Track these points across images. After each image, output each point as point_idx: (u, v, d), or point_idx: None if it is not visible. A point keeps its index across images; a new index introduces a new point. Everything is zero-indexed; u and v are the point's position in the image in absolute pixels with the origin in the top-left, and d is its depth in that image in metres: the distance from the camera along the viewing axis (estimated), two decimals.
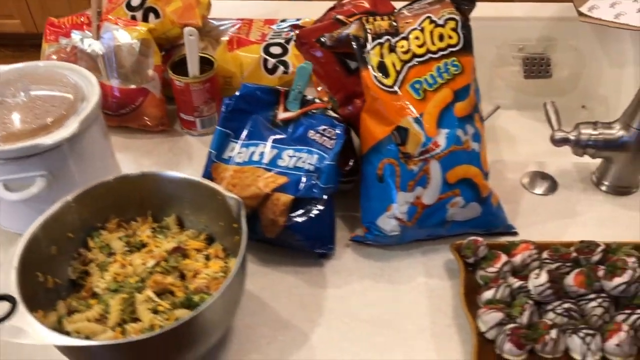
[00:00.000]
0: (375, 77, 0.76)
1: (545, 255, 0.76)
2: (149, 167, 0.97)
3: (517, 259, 0.75)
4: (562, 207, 0.89)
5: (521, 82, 1.45)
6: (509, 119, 1.44)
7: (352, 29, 0.77)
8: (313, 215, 0.77)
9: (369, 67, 0.76)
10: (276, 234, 0.78)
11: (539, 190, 0.91)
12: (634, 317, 0.68)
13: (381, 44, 0.77)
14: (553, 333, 0.67)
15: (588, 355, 0.66)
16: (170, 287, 0.67)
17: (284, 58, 1.01)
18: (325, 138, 0.77)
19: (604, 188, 0.90)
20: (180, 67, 0.99)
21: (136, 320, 0.65)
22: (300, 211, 0.77)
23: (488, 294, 0.72)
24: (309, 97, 0.81)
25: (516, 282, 0.73)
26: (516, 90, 1.47)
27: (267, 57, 1.02)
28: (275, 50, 1.02)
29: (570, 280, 0.71)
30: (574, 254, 0.75)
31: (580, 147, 0.87)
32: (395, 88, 0.76)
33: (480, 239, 0.77)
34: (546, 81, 1.45)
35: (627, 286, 0.69)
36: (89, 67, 1.01)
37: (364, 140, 0.79)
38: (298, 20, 1.13)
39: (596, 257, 0.74)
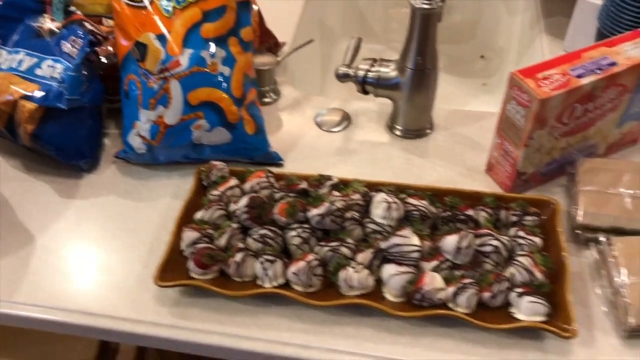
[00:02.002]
0: None
1: (276, 185, 0.75)
2: None
3: (247, 185, 0.75)
4: (342, 146, 0.87)
5: None
6: None
7: None
8: (61, 127, 0.79)
9: None
10: (29, 141, 0.80)
11: (329, 127, 0.89)
12: (325, 249, 0.68)
13: None
14: (238, 256, 0.67)
15: (266, 281, 0.66)
16: None
17: None
18: (74, 49, 0.77)
19: (397, 132, 0.88)
20: None
21: None
22: (50, 121, 0.78)
23: (198, 215, 0.72)
24: (72, 8, 0.81)
25: (233, 206, 0.73)
26: None
27: None
28: None
29: (276, 209, 0.70)
30: (303, 186, 0.74)
31: (359, 83, 0.84)
32: (145, 3, 0.76)
33: (217, 163, 0.77)
34: (441, 26, 1.38)
35: (321, 218, 0.68)
36: None
37: (118, 56, 0.79)
38: None
39: (323, 190, 0.73)
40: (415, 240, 0.66)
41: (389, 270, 0.66)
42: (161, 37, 0.75)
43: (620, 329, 0.64)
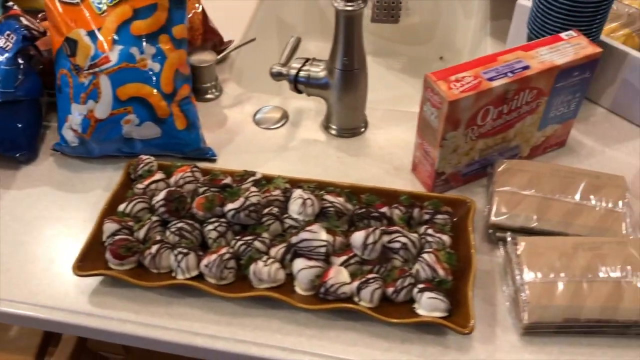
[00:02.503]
0: None
1: (201, 179, 0.77)
2: None
3: (172, 179, 0.77)
4: (278, 143, 0.88)
5: (377, 26, 1.40)
6: None
7: None
8: None
9: None
10: None
11: (268, 124, 0.91)
12: (239, 243, 0.69)
13: None
14: (153, 249, 0.69)
15: (179, 273, 0.68)
16: None
17: None
18: (9, 43, 0.79)
19: (332, 131, 0.89)
20: None
21: None
22: None
23: (121, 207, 0.74)
24: (10, 3, 0.83)
25: (154, 200, 0.75)
26: (374, 35, 1.44)
27: None
28: None
29: (194, 203, 0.72)
30: (226, 181, 0.76)
31: (291, 82, 0.86)
32: (77, 0, 0.78)
33: (145, 157, 0.79)
34: (401, 27, 1.40)
35: (235, 212, 0.70)
36: None
37: (53, 51, 0.81)
38: None
39: (246, 185, 0.75)
40: (324, 235, 0.67)
41: (298, 264, 0.68)
42: (91, 34, 0.77)
43: (518, 326, 0.65)
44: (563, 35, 0.76)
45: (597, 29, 0.82)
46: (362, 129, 0.89)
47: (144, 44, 0.78)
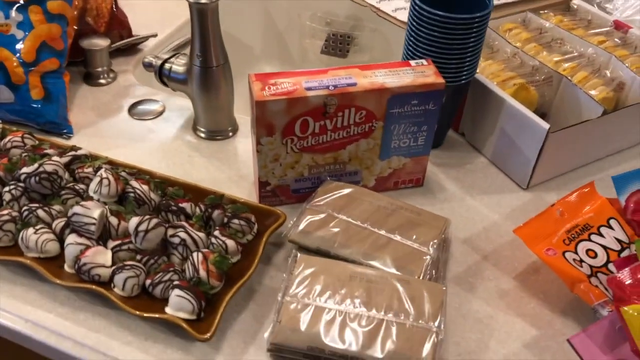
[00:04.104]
0: None
1: (28, 146, 0.77)
2: None
3: (2, 142, 0.77)
4: (139, 134, 0.87)
5: (330, 58, 1.39)
6: None
7: None
8: None
9: None
10: None
11: (140, 116, 0.90)
12: (24, 208, 0.68)
13: None
14: None
15: None
16: None
17: None
18: None
19: (200, 132, 0.87)
20: None
21: None
22: None
23: None
24: None
25: None
26: (328, 66, 1.41)
27: None
28: None
29: None
30: (48, 151, 0.75)
31: (157, 73, 0.85)
32: None
33: None
34: (352, 62, 1.37)
35: (27, 176, 0.69)
36: None
37: None
38: None
39: (65, 159, 0.74)
40: (96, 213, 0.65)
41: (68, 239, 0.65)
42: None
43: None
44: (413, 62, 0.72)
45: (470, 66, 0.77)
46: (230, 133, 0.87)
47: (13, 10, 0.80)
